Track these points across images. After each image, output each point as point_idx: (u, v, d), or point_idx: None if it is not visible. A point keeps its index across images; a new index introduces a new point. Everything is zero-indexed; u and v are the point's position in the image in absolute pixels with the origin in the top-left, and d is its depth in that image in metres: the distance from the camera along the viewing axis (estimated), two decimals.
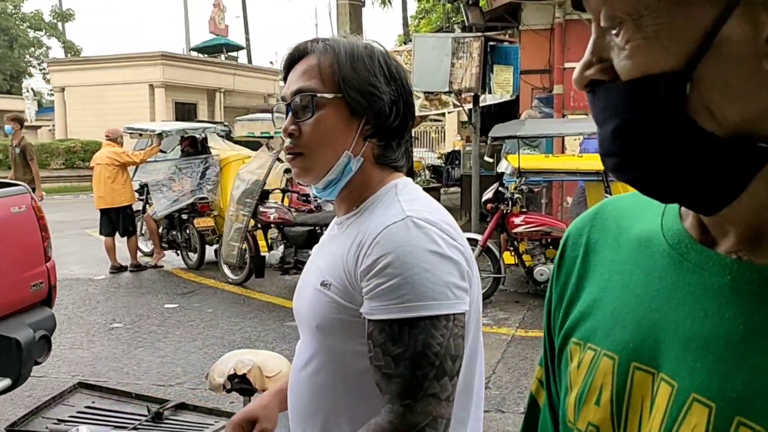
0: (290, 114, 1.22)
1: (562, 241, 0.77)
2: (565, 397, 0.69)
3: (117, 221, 8.55)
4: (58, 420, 2.68)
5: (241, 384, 2.23)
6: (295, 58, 1.25)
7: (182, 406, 2.86)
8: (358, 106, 1.20)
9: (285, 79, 1.26)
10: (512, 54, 8.65)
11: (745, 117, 0.51)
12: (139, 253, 9.11)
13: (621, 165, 0.57)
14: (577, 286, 0.71)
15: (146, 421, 2.69)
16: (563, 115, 9.55)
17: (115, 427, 2.57)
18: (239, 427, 1.39)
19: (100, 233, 8.76)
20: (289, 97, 1.22)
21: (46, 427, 2.57)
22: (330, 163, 1.22)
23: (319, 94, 1.19)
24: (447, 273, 1.11)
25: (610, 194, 6.17)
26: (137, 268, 8.77)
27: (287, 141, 1.24)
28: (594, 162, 6.35)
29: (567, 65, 9.55)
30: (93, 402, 2.88)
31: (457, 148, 16.54)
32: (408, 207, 1.17)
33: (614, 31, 0.55)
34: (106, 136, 8.73)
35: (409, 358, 1.08)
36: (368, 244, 1.14)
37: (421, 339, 1.08)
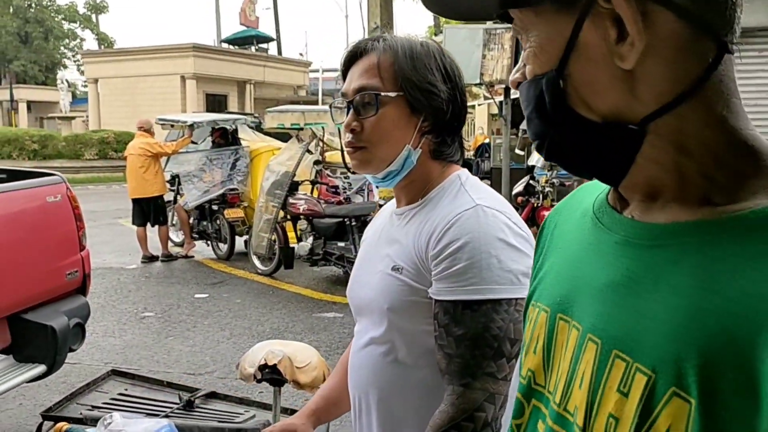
0: (351, 111, 1.29)
1: (542, 223, 0.87)
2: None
3: (148, 211, 8.67)
4: (92, 406, 2.71)
5: (272, 374, 2.23)
6: (355, 55, 1.31)
7: (213, 395, 2.88)
8: (418, 104, 1.27)
9: (344, 75, 1.33)
10: None
11: (611, 106, 0.63)
12: (170, 243, 9.22)
13: (538, 147, 0.70)
14: (542, 259, 0.81)
15: (178, 408, 2.71)
16: None
17: (148, 414, 2.60)
18: None
19: (133, 223, 8.88)
20: (351, 94, 1.29)
21: (81, 413, 2.60)
22: (390, 157, 1.31)
23: (382, 93, 1.26)
24: (512, 260, 1.18)
25: None
26: (168, 258, 8.88)
27: (348, 136, 1.30)
28: None
29: None
30: (126, 389, 2.92)
31: (486, 141, 16.42)
32: (476, 196, 1.26)
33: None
34: (139, 127, 8.83)
35: (469, 339, 1.16)
36: (440, 230, 1.22)
37: (482, 322, 1.16)
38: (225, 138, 9.35)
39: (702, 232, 0.59)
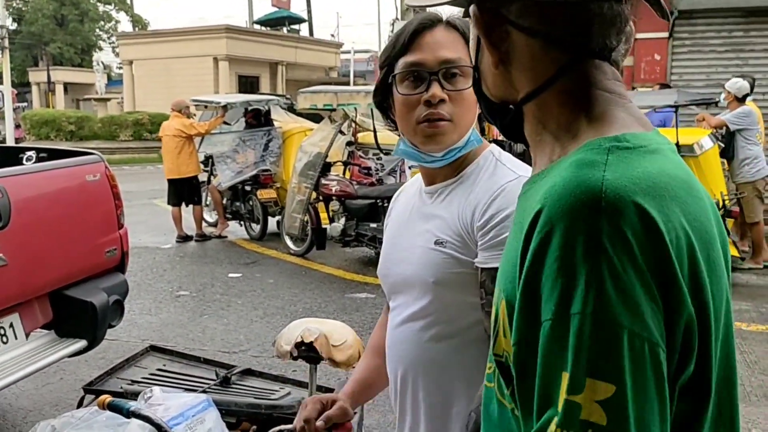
0: (435, 82, 1.29)
1: None
2: None
3: (183, 191, 8.76)
4: (132, 381, 2.77)
5: (308, 352, 2.25)
6: (425, 26, 1.31)
7: (248, 372, 2.92)
8: None
9: (407, 47, 1.31)
10: None
11: (500, 92, 0.89)
12: (203, 224, 9.32)
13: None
14: None
15: (215, 384, 2.76)
16: (633, 88, 9.24)
17: (185, 389, 2.64)
18: (319, 403, 1.43)
19: (168, 203, 9.00)
20: (436, 65, 1.29)
21: (121, 387, 2.66)
22: (464, 133, 1.32)
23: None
24: None
25: None
26: (202, 237, 8.99)
27: (435, 108, 1.29)
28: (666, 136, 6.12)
29: (639, 36, 9.19)
30: (164, 365, 2.97)
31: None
32: (516, 169, 1.31)
33: None
34: (172, 108, 8.90)
35: None
36: (485, 201, 1.27)
37: None
38: (258, 119, 9.39)
39: (537, 177, 0.81)
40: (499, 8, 0.83)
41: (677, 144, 5.78)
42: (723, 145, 7.12)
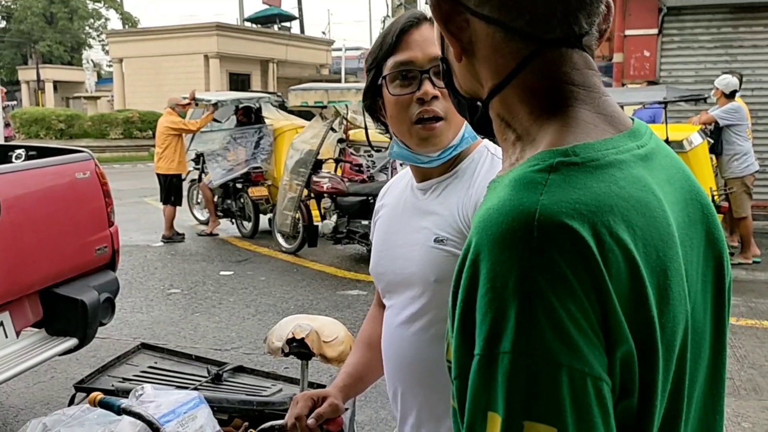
0: (427, 80, 1.27)
1: None
2: None
3: (163, 188, 8.70)
4: (123, 378, 2.77)
5: (299, 348, 2.25)
6: (412, 24, 1.30)
7: (240, 369, 2.92)
8: None
9: (394, 47, 1.30)
10: None
11: (467, 87, 0.83)
12: (194, 221, 9.26)
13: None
14: None
15: (206, 382, 2.76)
16: (622, 84, 9.28)
17: (177, 386, 2.64)
18: (310, 399, 1.43)
19: (160, 200, 8.94)
20: (426, 62, 1.27)
21: (112, 385, 2.66)
22: (458, 131, 1.31)
23: None
24: None
25: None
26: (168, 240, 8.76)
27: (428, 105, 1.27)
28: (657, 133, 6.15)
29: (628, 32, 9.26)
30: (155, 362, 2.97)
31: None
32: None
33: None
34: (168, 105, 8.88)
35: None
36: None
37: None
38: (249, 117, 9.37)
39: (498, 181, 0.75)
40: None
41: (666, 140, 5.82)
42: (712, 141, 7.17)
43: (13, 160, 4.18)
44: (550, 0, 0.73)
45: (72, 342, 3.54)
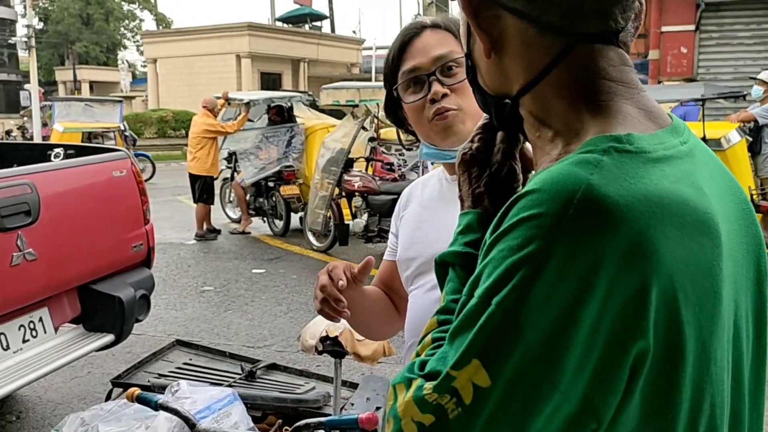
0: (434, 81, 1.29)
1: None
2: None
3: (195, 188, 8.80)
4: (159, 374, 2.80)
5: (333, 346, 2.26)
6: (412, 35, 1.34)
7: (273, 367, 2.94)
8: None
9: (399, 58, 1.34)
10: None
11: (495, 84, 0.81)
12: (226, 219, 9.34)
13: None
14: None
15: (240, 378, 2.78)
16: (659, 82, 9.13)
17: (211, 383, 2.67)
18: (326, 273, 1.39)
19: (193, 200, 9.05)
20: (430, 65, 1.30)
21: (148, 381, 2.70)
22: (478, 120, 1.28)
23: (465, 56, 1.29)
24: None
25: None
26: (201, 237, 8.86)
27: (440, 103, 1.29)
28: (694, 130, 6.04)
29: (664, 29, 9.10)
30: (190, 359, 3.00)
31: None
32: None
33: None
34: (203, 106, 8.95)
35: None
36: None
37: None
38: (281, 115, 9.42)
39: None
40: None
41: (704, 138, 5.70)
42: (750, 139, 7.01)
43: (52, 159, 4.25)
44: None
45: (109, 338, 3.59)
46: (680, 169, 0.69)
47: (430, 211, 1.42)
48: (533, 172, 0.88)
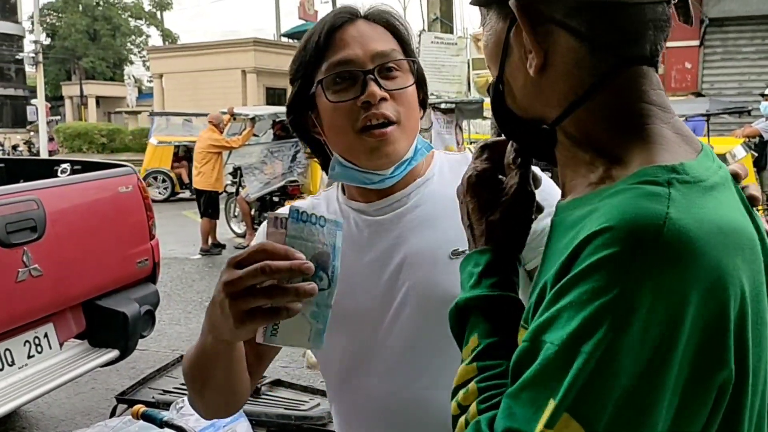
0: (371, 81, 1.04)
1: None
2: None
3: (200, 202, 8.81)
4: (164, 390, 2.80)
5: None
6: (345, 21, 1.08)
7: (278, 383, 2.93)
8: (420, 75, 1.12)
9: (326, 47, 1.06)
10: None
11: (529, 107, 0.76)
12: (231, 234, 9.34)
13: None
14: None
15: None
16: None
17: None
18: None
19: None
20: (369, 61, 1.04)
21: (153, 398, 2.69)
22: (412, 139, 1.09)
23: (408, 59, 1.09)
24: None
25: None
26: (206, 252, 8.86)
27: (376, 109, 1.03)
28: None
29: (669, 44, 8.98)
30: None
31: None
32: None
33: None
34: (209, 120, 8.99)
35: None
36: None
37: None
38: (286, 130, 9.45)
39: (574, 204, 0.71)
40: (543, 3, 0.72)
41: None
42: (756, 154, 7.01)
43: (59, 174, 4.27)
44: (642, 17, 0.70)
45: (113, 354, 3.59)
46: (728, 195, 0.69)
47: (352, 263, 1.03)
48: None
